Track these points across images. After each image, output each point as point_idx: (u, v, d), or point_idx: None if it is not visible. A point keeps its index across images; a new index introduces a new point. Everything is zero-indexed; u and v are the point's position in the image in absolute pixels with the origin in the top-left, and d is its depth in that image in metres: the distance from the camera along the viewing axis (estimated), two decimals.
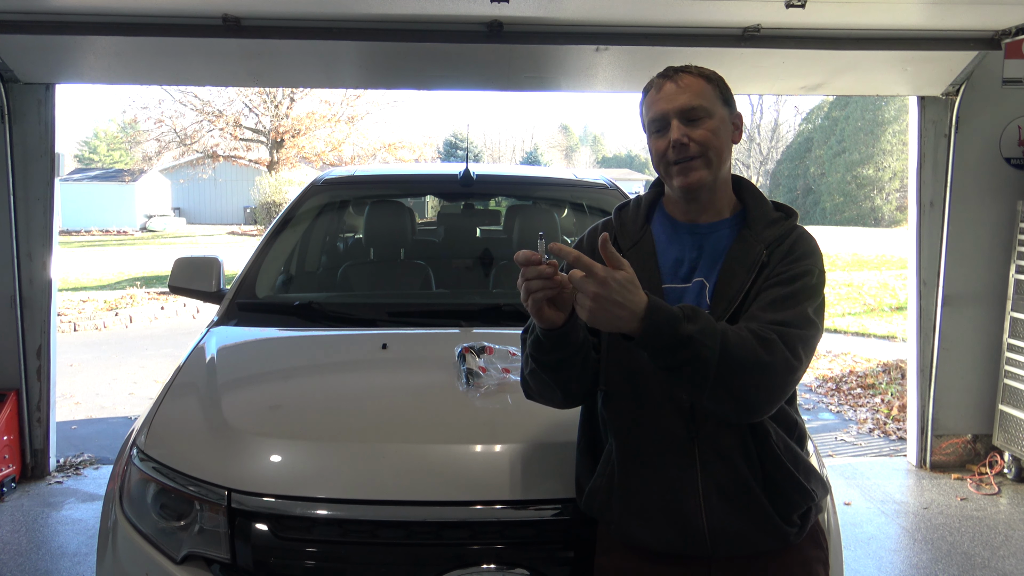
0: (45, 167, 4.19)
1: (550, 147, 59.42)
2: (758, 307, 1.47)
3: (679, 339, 1.33)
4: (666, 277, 1.57)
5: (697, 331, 1.34)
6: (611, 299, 1.31)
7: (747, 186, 1.65)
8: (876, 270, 15.61)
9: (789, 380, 1.42)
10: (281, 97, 24.97)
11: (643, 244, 1.61)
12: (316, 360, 2.42)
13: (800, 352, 1.42)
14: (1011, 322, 4.37)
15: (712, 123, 1.52)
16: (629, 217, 1.67)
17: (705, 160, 1.52)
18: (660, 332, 1.33)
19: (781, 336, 1.41)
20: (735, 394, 1.38)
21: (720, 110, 1.55)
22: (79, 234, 26.84)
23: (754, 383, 1.38)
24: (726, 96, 1.57)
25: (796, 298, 1.47)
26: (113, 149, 46.48)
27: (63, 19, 3.67)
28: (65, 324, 9.01)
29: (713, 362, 1.34)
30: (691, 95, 1.52)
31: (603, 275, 1.31)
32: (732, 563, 1.52)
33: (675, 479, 1.51)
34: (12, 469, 4.18)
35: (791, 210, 1.63)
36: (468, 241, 3.74)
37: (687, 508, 1.50)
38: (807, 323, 1.46)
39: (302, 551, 1.67)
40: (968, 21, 3.82)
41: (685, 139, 1.51)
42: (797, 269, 1.51)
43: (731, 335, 1.37)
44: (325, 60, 4.16)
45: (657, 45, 3.84)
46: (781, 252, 1.53)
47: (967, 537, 3.77)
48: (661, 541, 1.52)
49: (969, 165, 4.41)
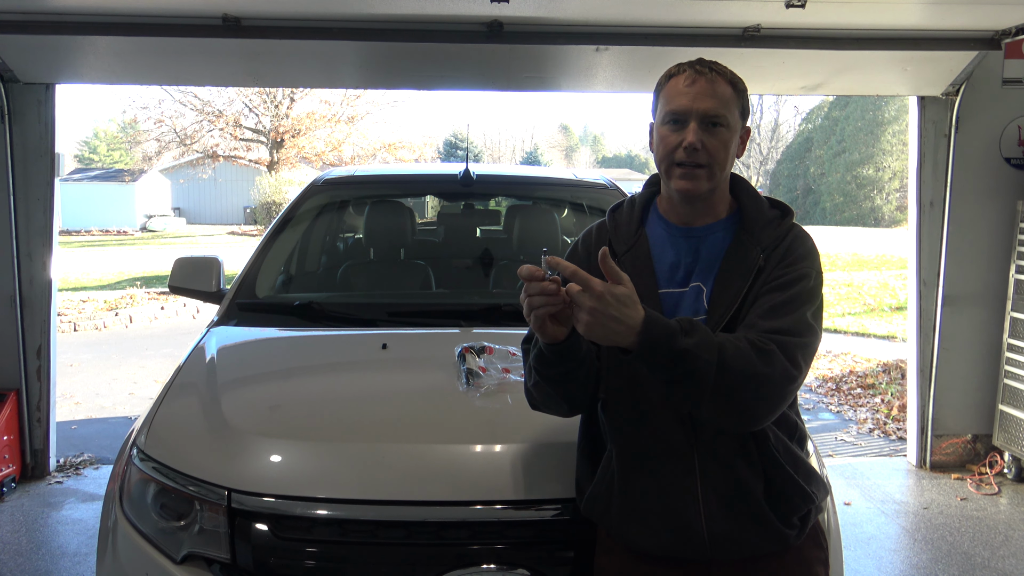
0: (45, 167, 4.19)
1: (550, 147, 59.41)
2: (756, 314, 1.45)
3: (676, 353, 1.33)
4: (662, 282, 1.56)
5: (693, 344, 1.33)
6: (608, 314, 1.30)
7: (743, 185, 1.63)
8: (876, 270, 15.61)
9: (788, 390, 1.41)
10: (281, 97, 24.96)
11: (638, 249, 1.59)
12: (316, 360, 2.42)
13: (799, 361, 1.41)
14: (1011, 322, 4.37)
15: (727, 135, 1.50)
16: (623, 220, 1.65)
17: (710, 171, 1.50)
18: (657, 346, 1.32)
19: (780, 345, 1.40)
20: (734, 406, 1.38)
21: (737, 122, 1.52)
22: (79, 234, 26.84)
23: (753, 395, 1.38)
24: (744, 108, 1.54)
25: (794, 303, 1.45)
26: (113, 149, 46.47)
27: (63, 19, 3.67)
28: (65, 324, 9.01)
29: (710, 375, 1.34)
30: (719, 102, 1.48)
31: (600, 290, 1.30)
32: (732, 564, 1.52)
33: (674, 485, 1.50)
34: (12, 469, 4.18)
35: (787, 208, 1.61)
36: (468, 241, 3.74)
37: (686, 514, 1.49)
38: (806, 329, 1.44)
39: (302, 551, 1.67)
40: (968, 21, 3.82)
41: (700, 145, 1.48)
42: (794, 273, 1.49)
43: (729, 347, 1.36)
44: (325, 60, 4.16)
45: (657, 45, 3.84)
46: (778, 255, 1.52)
47: (967, 537, 3.76)
48: (661, 546, 1.52)
49: (969, 165, 4.41)
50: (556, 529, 1.71)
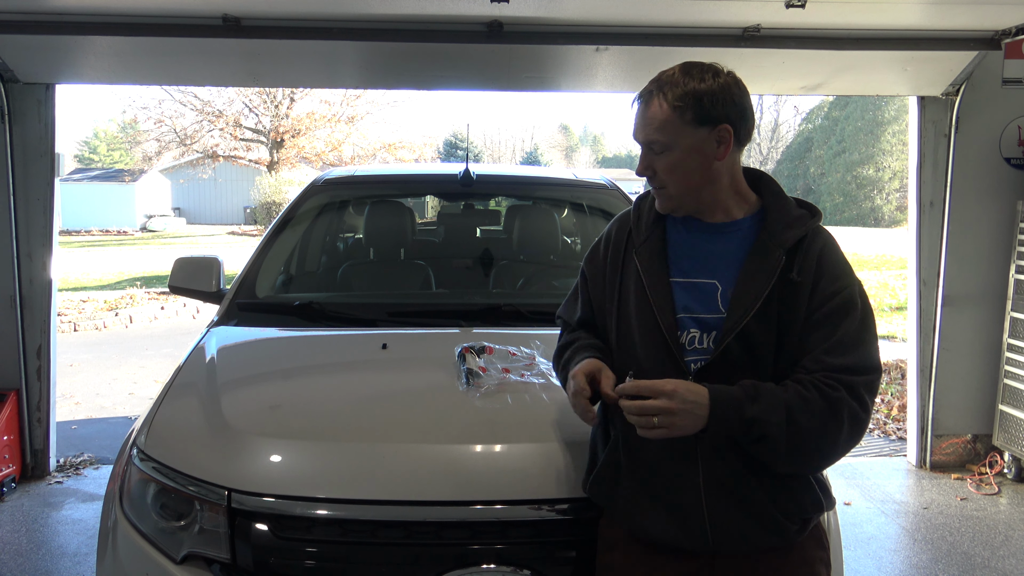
0: (45, 167, 4.19)
1: (550, 147, 59.38)
2: (820, 349, 1.47)
3: (745, 422, 1.40)
4: (674, 271, 1.58)
5: (760, 411, 1.40)
6: (683, 409, 1.40)
7: (770, 186, 1.64)
8: (876, 270, 15.61)
9: (857, 431, 1.46)
10: (281, 97, 24.95)
11: (655, 238, 1.62)
12: (316, 360, 2.42)
13: (867, 400, 1.46)
14: (1011, 322, 4.37)
15: (672, 156, 1.51)
16: (646, 209, 1.68)
17: (667, 192, 1.55)
18: (727, 420, 1.41)
19: (847, 387, 1.43)
20: (808, 458, 1.46)
21: (688, 139, 1.49)
22: (79, 234, 26.83)
23: (826, 444, 1.44)
24: (703, 116, 1.48)
25: (857, 337, 1.48)
26: (113, 149, 46.44)
27: (63, 19, 3.67)
28: (65, 324, 9.01)
29: (782, 437, 1.40)
30: (650, 130, 1.51)
31: (671, 387, 1.41)
32: (734, 561, 1.53)
33: (677, 474, 1.52)
34: (12, 469, 4.18)
35: (815, 209, 1.62)
36: (468, 241, 3.74)
37: (688, 504, 1.51)
38: (871, 366, 1.48)
39: (302, 551, 1.67)
40: (968, 21, 3.82)
41: (649, 172, 1.55)
42: (839, 299, 1.49)
43: (796, 404, 1.41)
44: (325, 60, 4.16)
45: (657, 45, 3.84)
46: (809, 268, 1.51)
47: (967, 537, 3.76)
48: (663, 535, 1.53)
49: (969, 165, 4.41)
50: (557, 529, 1.71)
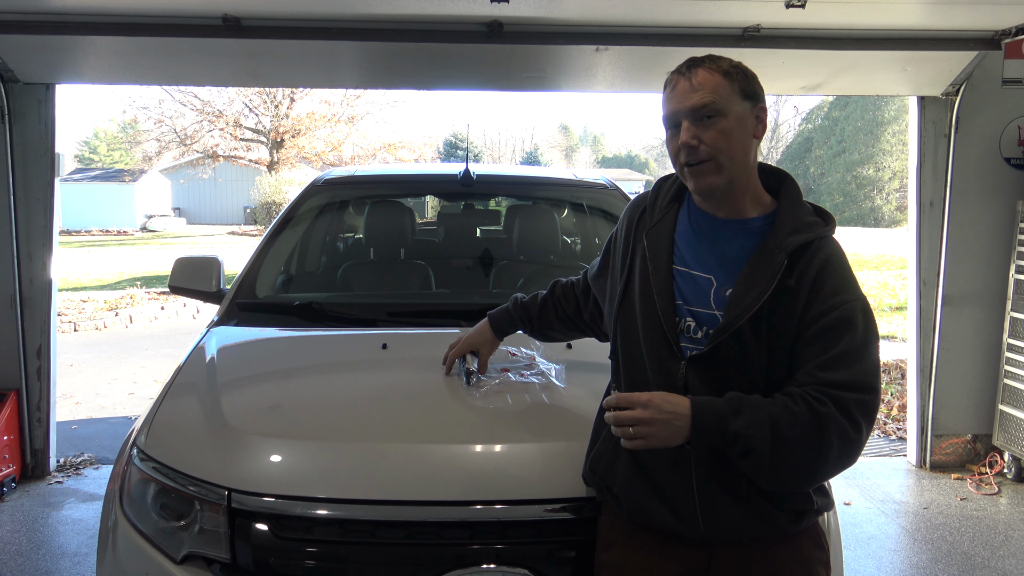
0: (45, 167, 4.19)
1: (550, 147, 59.37)
2: (813, 364, 1.42)
3: (728, 436, 1.39)
4: (677, 260, 1.58)
5: (744, 426, 1.38)
6: (661, 419, 1.39)
7: (788, 189, 1.57)
8: (876, 270, 15.61)
9: (848, 452, 1.41)
10: (281, 97, 24.96)
11: (664, 223, 1.62)
12: (316, 360, 2.42)
13: (860, 420, 1.40)
14: (1011, 322, 4.37)
15: (725, 123, 1.47)
16: (663, 192, 1.68)
17: (716, 164, 1.48)
18: (709, 433, 1.40)
19: (836, 403, 1.38)
20: (793, 475, 1.42)
21: (737, 107, 1.48)
22: (79, 234, 26.83)
23: (812, 461, 1.40)
24: (747, 89, 1.50)
25: (854, 355, 1.41)
26: (113, 149, 46.44)
27: (63, 19, 3.67)
28: (65, 324, 9.00)
29: (766, 451, 1.38)
30: (703, 93, 1.46)
31: (647, 398, 1.41)
32: (731, 559, 1.53)
33: (670, 459, 1.52)
34: (12, 469, 4.18)
35: (829, 217, 1.56)
36: (468, 241, 3.74)
37: (680, 490, 1.52)
38: (865, 386, 1.41)
39: (302, 551, 1.67)
40: (968, 21, 3.82)
41: (695, 141, 1.47)
42: (836, 314, 1.43)
43: (783, 419, 1.38)
44: (325, 60, 4.16)
45: (657, 45, 3.83)
46: (807, 276, 1.46)
47: (967, 537, 3.77)
48: (656, 517, 1.54)
49: (969, 165, 4.41)
50: (556, 529, 1.71)
